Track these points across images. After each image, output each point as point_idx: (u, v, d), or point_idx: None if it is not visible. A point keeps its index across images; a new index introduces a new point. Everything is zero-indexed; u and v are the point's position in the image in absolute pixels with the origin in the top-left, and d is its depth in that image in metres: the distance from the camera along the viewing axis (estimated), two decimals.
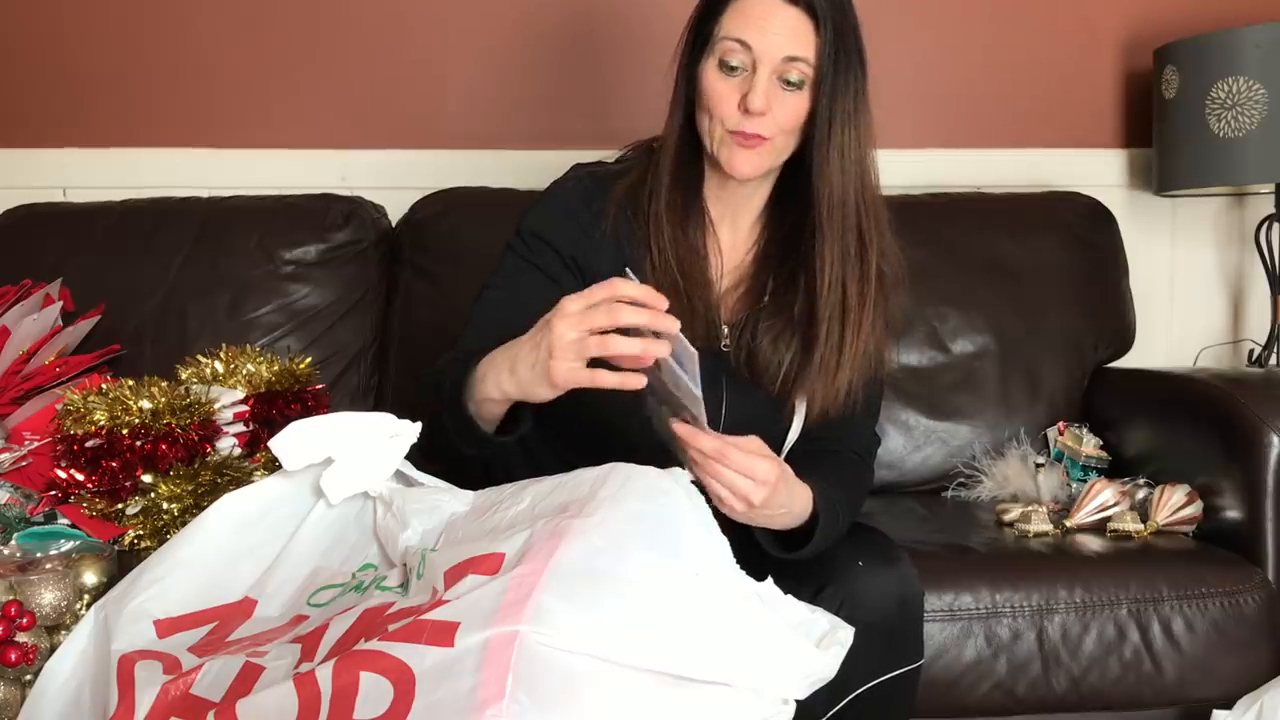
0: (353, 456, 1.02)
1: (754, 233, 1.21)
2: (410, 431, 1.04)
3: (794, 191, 1.17)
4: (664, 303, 0.89)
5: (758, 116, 1.07)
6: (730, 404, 1.16)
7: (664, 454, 0.98)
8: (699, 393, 0.91)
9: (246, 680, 0.83)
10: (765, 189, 1.20)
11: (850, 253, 1.12)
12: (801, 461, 1.08)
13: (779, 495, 0.99)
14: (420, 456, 1.05)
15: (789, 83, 1.08)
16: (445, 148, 2.05)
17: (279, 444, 1.01)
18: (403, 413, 1.06)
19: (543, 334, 0.92)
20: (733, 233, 1.20)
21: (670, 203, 1.14)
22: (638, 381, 0.91)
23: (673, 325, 0.89)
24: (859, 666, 0.98)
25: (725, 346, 1.16)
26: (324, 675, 0.76)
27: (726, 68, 1.08)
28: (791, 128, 1.10)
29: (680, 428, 0.96)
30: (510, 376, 0.95)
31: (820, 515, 1.04)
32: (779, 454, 1.12)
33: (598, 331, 0.88)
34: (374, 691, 0.74)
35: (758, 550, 1.04)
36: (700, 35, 1.11)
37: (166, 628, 0.96)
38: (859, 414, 1.18)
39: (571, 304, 0.90)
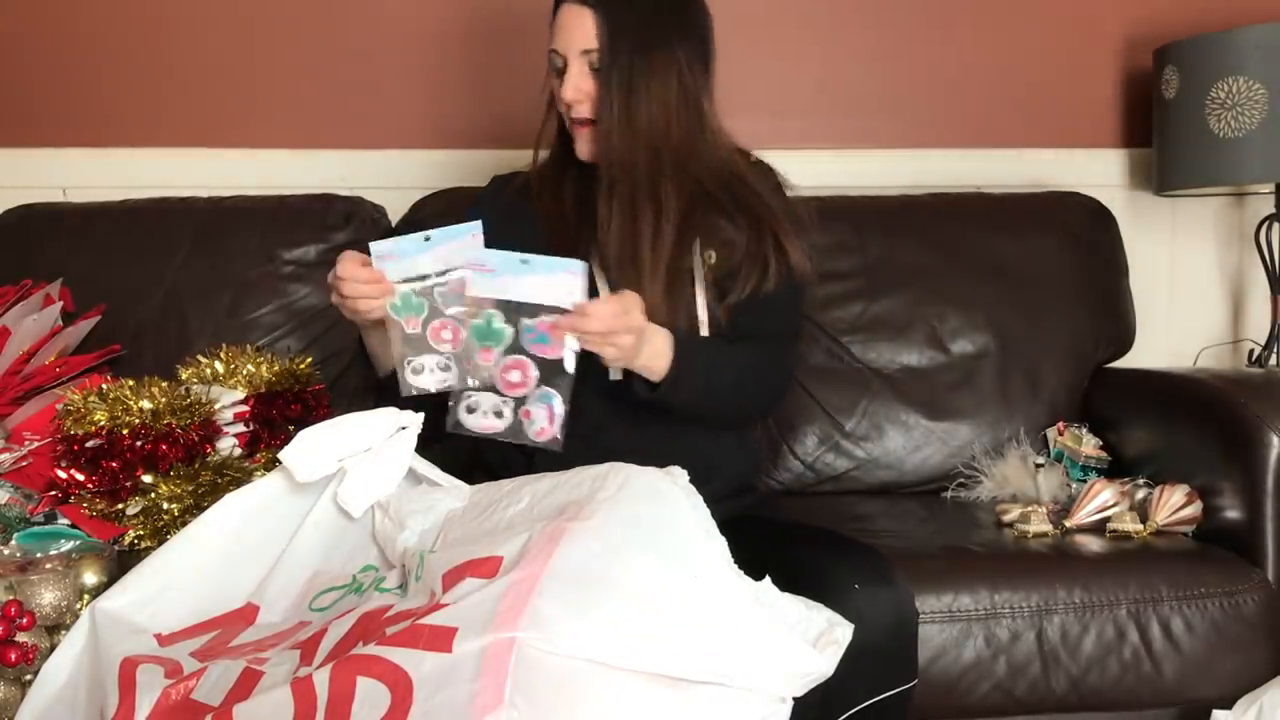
0: (366, 464, 1.03)
1: None
2: (416, 421, 1.05)
3: None
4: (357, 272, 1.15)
5: (576, 104, 1.26)
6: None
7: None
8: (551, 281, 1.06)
9: (246, 685, 0.83)
10: None
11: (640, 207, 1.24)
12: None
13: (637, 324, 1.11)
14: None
15: (595, 69, 1.24)
16: (445, 148, 2.05)
17: (290, 456, 1.02)
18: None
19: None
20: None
21: (540, 175, 1.38)
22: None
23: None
24: (851, 687, 0.99)
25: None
26: (320, 680, 0.76)
27: (556, 71, 1.28)
28: None
29: (553, 321, 1.07)
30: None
31: (678, 347, 1.16)
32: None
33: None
34: (371, 696, 0.74)
35: (757, 551, 1.04)
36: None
37: (168, 640, 0.96)
38: (768, 311, 1.29)
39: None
